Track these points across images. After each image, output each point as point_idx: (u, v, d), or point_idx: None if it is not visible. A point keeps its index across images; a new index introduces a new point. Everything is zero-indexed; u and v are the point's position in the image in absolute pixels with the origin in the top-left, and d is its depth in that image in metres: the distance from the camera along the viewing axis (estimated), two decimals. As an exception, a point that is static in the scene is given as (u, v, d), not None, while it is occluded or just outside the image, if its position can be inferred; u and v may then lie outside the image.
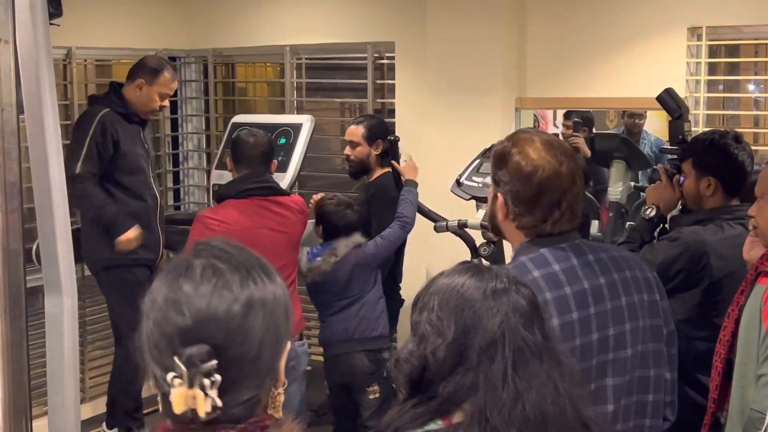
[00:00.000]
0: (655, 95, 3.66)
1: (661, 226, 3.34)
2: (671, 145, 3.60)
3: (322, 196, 4.24)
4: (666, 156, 3.83)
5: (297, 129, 4.84)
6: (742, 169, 3.12)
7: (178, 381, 1.21)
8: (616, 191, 4.49)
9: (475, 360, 1.54)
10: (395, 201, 4.17)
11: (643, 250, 3.14)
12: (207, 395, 1.21)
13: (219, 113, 6.19)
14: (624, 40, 4.69)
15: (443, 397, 1.56)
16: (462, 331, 1.57)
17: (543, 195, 2.05)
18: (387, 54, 5.42)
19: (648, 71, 4.59)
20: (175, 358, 1.22)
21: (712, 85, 4.77)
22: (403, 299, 4.23)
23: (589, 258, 2.08)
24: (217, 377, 1.22)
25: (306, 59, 5.83)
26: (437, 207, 4.40)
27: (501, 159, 2.10)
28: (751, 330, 2.32)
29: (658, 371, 2.13)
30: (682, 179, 3.27)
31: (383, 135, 4.43)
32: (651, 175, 3.58)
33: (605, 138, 4.89)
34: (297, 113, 5.69)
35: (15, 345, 2.06)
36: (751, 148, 3.29)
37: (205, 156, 6.27)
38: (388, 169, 4.40)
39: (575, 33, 4.81)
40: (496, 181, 2.13)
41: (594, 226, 4.38)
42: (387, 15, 5.36)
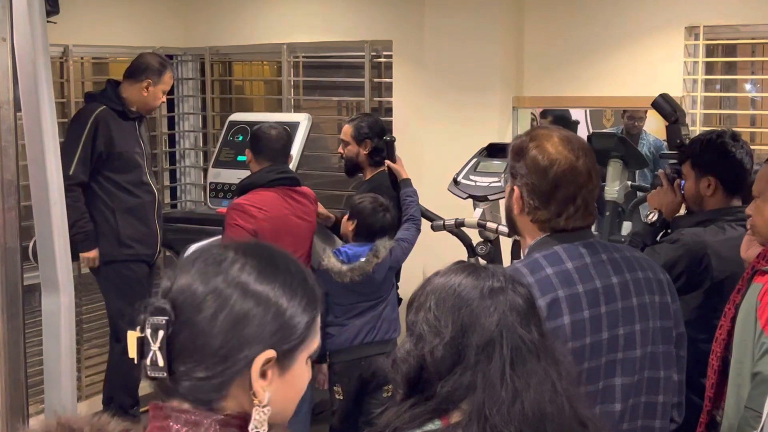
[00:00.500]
0: (653, 94, 3.66)
1: (664, 231, 3.32)
2: (669, 150, 3.59)
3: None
4: (666, 160, 3.83)
5: (294, 127, 4.84)
6: (741, 168, 3.11)
7: (139, 327, 1.28)
8: (613, 190, 4.49)
9: (473, 359, 1.55)
10: (391, 200, 4.16)
11: (644, 252, 3.14)
12: (150, 346, 1.26)
13: (216, 111, 6.19)
14: (621, 39, 4.69)
15: (441, 397, 1.56)
16: (459, 330, 1.57)
17: (558, 189, 2.05)
18: (384, 52, 5.42)
19: (645, 70, 4.60)
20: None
21: (709, 85, 4.78)
22: (401, 298, 4.22)
23: (603, 257, 2.09)
24: (163, 334, 1.26)
25: (303, 57, 5.83)
26: (434, 205, 4.40)
27: (519, 152, 2.11)
28: (747, 328, 2.33)
29: (667, 373, 2.14)
30: (683, 183, 3.27)
31: (374, 135, 4.41)
32: (652, 181, 3.58)
33: (602, 137, 4.89)
34: (294, 111, 5.68)
35: (12, 343, 2.05)
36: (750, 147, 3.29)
37: (202, 154, 6.26)
38: (382, 168, 4.39)
39: (573, 32, 4.81)
40: (513, 175, 2.13)
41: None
42: (384, 13, 5.36)
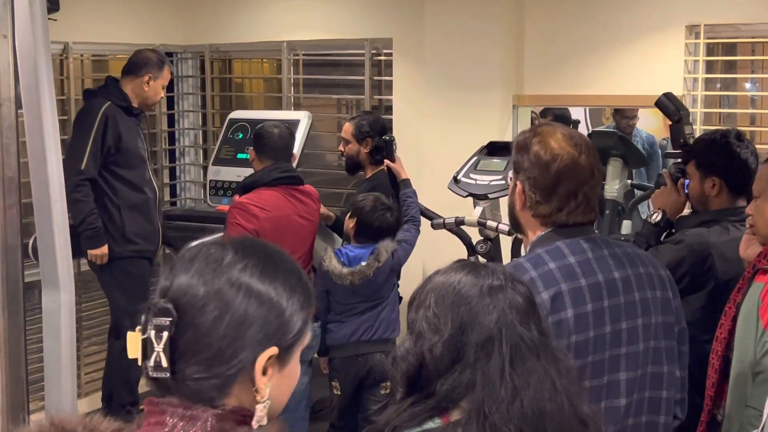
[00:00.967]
0: (653, 93, 3.66)
1: (668, 230, 3.31)
2: (673, 149, 3.59)
3: None
4: (669, 159, 3.82)
5: (294, 125, 4.84)
6: (746, 168, 3.09)
7: (139, 327, 1.28)
8: (612, 189, 4.50)
9: (472, 357, 1.55)
10: (392, 199, 4.17)
11: (648, 253, 3.13)
12: (154, 348, 1.26)
13: (216, 109, 6.19)
14: (622, 37, 4.69)
15: (441, 395, 1.56)
16: (459, 328, 1.57)
17: (560, 184, 2.06)
18: (384, 50, 5.42)
19: (646, 69, 4.59)
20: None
21: (709, 83, 4.78)
22: (401, 297, 4.23)
23: (605, 252, 2.10)
24: (166, 334, 1.26)
25: (303, 55, 5.83)
26: (434, 204, 4.40)
27: (522, 147, 2.12)
28: (749, 327, 2.33)
29: (670, 368, 2.15)
30: (687, 182, 3.26)
31: (374, 133, 4.41)
32: (656, 180, 3.57)
33: (602, 135, 4.89)
34: (294, 109, 5.68)
35: (13, 340, 2.06)
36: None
37: (202, 152, 6.26)
38: (383, 167, 4.39)
39: (573, 30, 4.81)
40: (516, 169, 2.14)
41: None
42: (385, 11, 5.36)
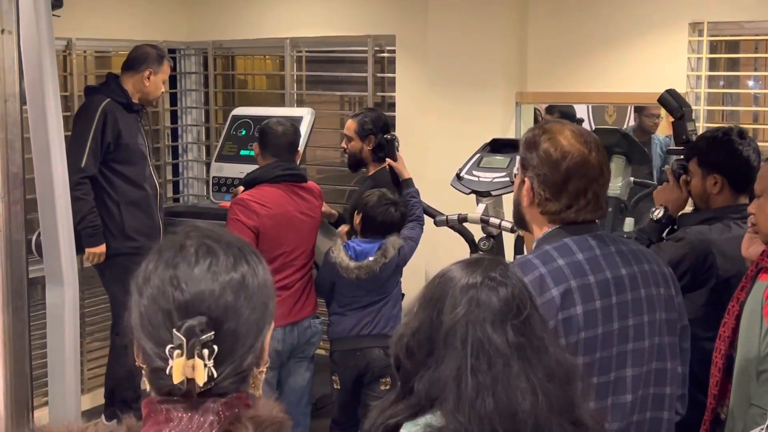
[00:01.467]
0: (656, 90, 3.66)
1: (670, 227, 3.31)
2: (676, 146, 3.59)
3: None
4: (672, 157, 3.82)
5: (297, 122, 4.84)
6: (747, 165, 3.09)
7: (177, 352, 1.25)
8: (615, 186, 4.49)
9: (442, 351, 1.57)
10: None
11: (650, 250, 3.13)
12: (205, 365, 1.25)
13: (219, 105, 6.19)
14: (625, 35, 4.68)
15: (419, 393, 1.57)
16: (428, 321, 1.60)
17: (570, 181, 2.06)
18: (387, 47, 5.41)
19: (649, 66, 4.59)
20: (174, 330, 1.26)
21: (712, 81, 4.77)
22: (403, 293, 4.23)
23: (611, 249, 2.10)
24: (214, 347, 1.26)
25: (306, 52, 5.82)
26: (437, 201, 4.40)
27: (531, 144, 2.11)
28: (753, 326, 2.33)
29: (673, 364, 2.15)
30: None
31: (377, 130, 4.41)
32: (659, 176, 3.57)
33: (605, 133, 4.89)
34: (297, 106, 5.68)
35: (17, 336, 2.06)
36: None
37: (205, 148, 6.26)
38: (385, 165, 4.39)
39: (576, 28, 4.81)
40: (524, 166, 2.13)
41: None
42: (388, 8, 5.35)
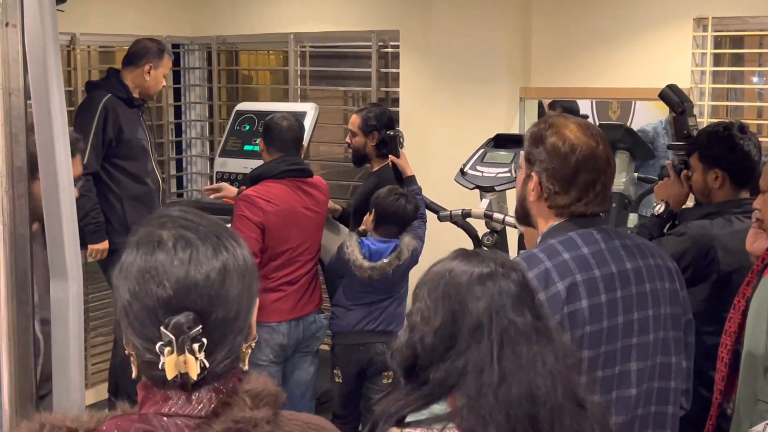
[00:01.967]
0: (661, 86, 3.66)
1: (671, 222, 3.32)
2: (677, 140, 3.59)
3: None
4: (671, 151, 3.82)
5: (301, 117, 4.84)
6: (748, 160, 3.10)
7: (168, 349, 1.27)
8: (619, 182, 4.48)
9: (464, 344, 1.57)
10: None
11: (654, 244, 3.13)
12: (197, 359, 1.27)
13: (222, 101, 6.19)
14: (629, 30, 4.68)
15: (434, 383, 1.58)
16: (450, 317, 1.60)
17: (579, 174, 2.06)
18: (391, 42, 5.41)
19: (653, 62, 4.59)
20: (162, 328, 1.27)
21: (717, 76, 4.76)
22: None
23: (616, 243, 2.10)
24: (204, 340, 1.28)
25: (310, 47, 5.82)
26: (440, 196, 4.40)
27: (537, 139, 2.11)
28: (759, 321, 2.33)
29: (678, 359, 2.16)
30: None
31: (381, 126, 4.40)
32: (660, 172, 3.58)
33: (609, 128, 4.87)
34: (301, 101, 5.68)
35: (21, 330, 2.05)
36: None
37: (208, 144, 6.26)
38: (389, 161, 4.39)
39: (581, 23, 4.80)
40: (530, 161, 2.13)
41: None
42: (391, 3, 5.35)
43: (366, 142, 4.40)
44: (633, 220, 4.50)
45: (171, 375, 1.27)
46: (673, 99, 3.56)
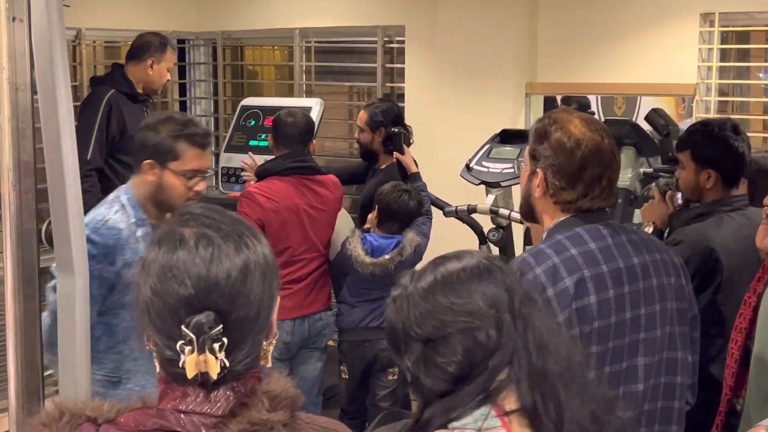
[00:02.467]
0: (667, 81, 3.67)
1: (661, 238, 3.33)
2: (663, 163, 3.63)
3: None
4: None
5: (306, 113, 4.83)
6: (741, 161, 3.11)
7: (188, 349, 1.27)
8: (625, 178, 4.47)
9: (511, 330, 1.51)
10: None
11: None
12: (217, 358, 1.27)
13: (228, 96, 6.19)
14: (636, 25, 4.67)
15: (486, 374, 1.49)
16: (495, 322, 1.52)
17: (586, 169, 2.06)
18: (397, 38, 5.41)
19: (660, 57, 4.57)
20: (183, 327, 1.27)
21: (723, 72, 4.75)
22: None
23: (623, 238, 2.10)
24: (224, 340, 1.28)
25: (315, 42, 5.81)
26: (446, 191, 4.39)
27: (542, 135, 2.11)
28: (771, 318, 2.32)
29: (684, 353, 2.15)
30: (679, 197, 3.27)
31: (388, 122, 4.38)
32: (645, 194, 3.64)
33: (615, 124, 4.87)
34: (306, 97, 5.68)
35: (28, 325, 2.06)
36: (762, 135, 3.28)
37: (214, 139, 6.26)
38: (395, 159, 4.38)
39: (586, 18, 4.79)
40: (535, 157, 2.12)
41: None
42: (397, -2, 5.35)
43: (373, 138, 4.39)
44: (638, 216, 4.49)
45: (191, 374, 1.27)
46: (659, 122, 3.62)
